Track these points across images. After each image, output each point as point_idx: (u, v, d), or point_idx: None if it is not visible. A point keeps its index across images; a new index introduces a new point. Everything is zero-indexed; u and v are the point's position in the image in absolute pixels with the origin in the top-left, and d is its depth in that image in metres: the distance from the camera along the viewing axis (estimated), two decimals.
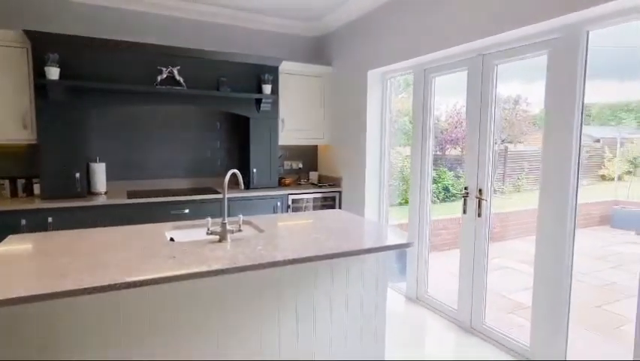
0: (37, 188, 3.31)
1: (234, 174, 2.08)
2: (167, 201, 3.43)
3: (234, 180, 2.16)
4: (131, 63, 3.41)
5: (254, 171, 3.97)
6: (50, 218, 3.03)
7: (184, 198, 3.50)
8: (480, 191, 2.82)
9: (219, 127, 4.20)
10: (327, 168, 4.57)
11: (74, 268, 1.55)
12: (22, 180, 3.33)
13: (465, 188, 2.93)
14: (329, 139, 4.43)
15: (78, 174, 3.27)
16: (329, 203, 4.21)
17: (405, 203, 3.91)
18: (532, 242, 2.47)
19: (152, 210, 3.34)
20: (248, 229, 2.32)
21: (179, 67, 3.53)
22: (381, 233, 2.49)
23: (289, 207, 3.97)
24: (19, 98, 3.09)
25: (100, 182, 3.52)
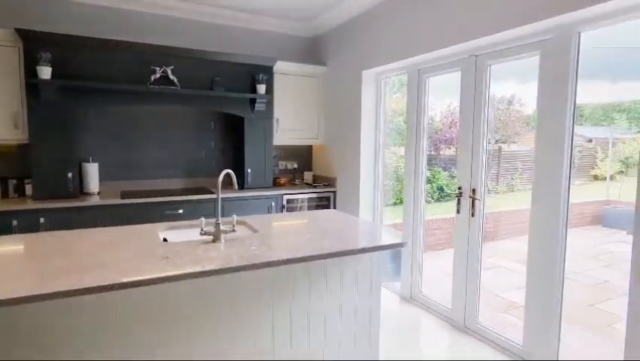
0: (29, 188, 3.28)
1: (228, 174, 2.07)
2: (161, 201, 3.41)
3: (229, 181, 2.15)
4: (125, 62, 3.39)
5: (248, 171, 3.97)
6: (42, 219, 3.00)
7: (178, 199, 3.48)
8: (473, 191, 2.83)
9: (214, 127, 4.18)
10: (321, 168, 4.57)
11: (66, 269, 1.53)
12: (13, 181, 3.29)
13: (459, 188, 2.94)
14: (323, 139, 4.43)
15: (70, 175, 3.25)
16: (324, 203, 4.21)
17: (399, 203, 3.92)
18: (526, 241, 2.49)
19: (145, 211, 3.32)
20: (242, 229, 2.32)
21: (172, 66, 3.52)
22: (376, 233, 2.50)
23: (284, 207, 3.97)
24: (10, 97, 3.06)
25: (93, 182, 3.49)
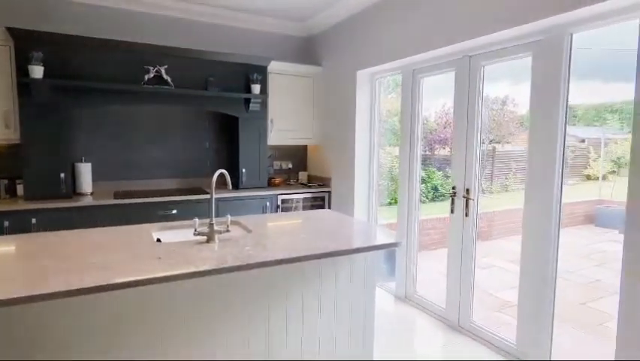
0: (20, 189, 3.24)
1: (222, 174, 2.07)
2: (155, 201, 3.39)
3: (223, 181, 2.14)
4: (118, 62, 3.36)
5: (243, 171, 3.95)
6: (34, 219, 2.97)
7: (172, 199, 3.46)
8: (467, 191, 2.84)
9: (208, 127, 4.16)
10: (316, 168, 4.57)
11: (58, 270, 1.52)
12: (4, 181, 3.26)
13: (452, 188, 2.95)
14: (318, 139, 4.43)
15: (63, 175, 3.22)
16: (318, 203, 4.21)
17: (394, 203, 3.93)
18: (519, 241, 2.50)
19: (139, 211, 3.29)
20: (236, 229, 2.31)
21: (166, 66, 3.50)
22: (370, 233, 2.50)
23: (278, 207, 3.96)
24: (1, 96, 3.03)
25: (86, 182, 3.46)
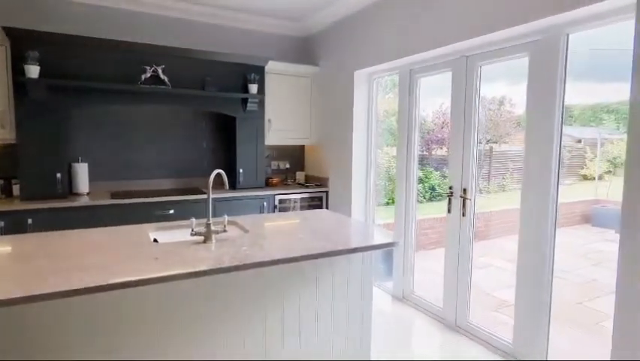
0: (16, 189, 3.23)
1: (219, 174, 2.06)
2: (152, 201, 3.38)
3: (221, 181, 2.14)
4: (115, 62, 3.35)
5: (240, 171, 3.95)
6: (30, 219, 2.96)
7: (169, 199, 3.45)
8: (464, 190, 2.85)
9: (205, 127, 4.16)
10: (313, 168, 4.57)
11: (54, 271, 1.51)
12: (0, 181, 3.24)
13: (450, 188, 2.96)
14: (316, 139, 4.43)
15: (59, 175, 3.20)
16: (316, 203, 4.21)
17: (391, 203, 3.93)
18: (516, 240, 2.51)
19: (136, 211, 3.28)
20: (233, 229, 2.30)
21: (163, 66, 3.49)
22: (367, 233, 2.50)
23: (276, 207, 3.96)
24: None
25: (82, 182, 3.45)
